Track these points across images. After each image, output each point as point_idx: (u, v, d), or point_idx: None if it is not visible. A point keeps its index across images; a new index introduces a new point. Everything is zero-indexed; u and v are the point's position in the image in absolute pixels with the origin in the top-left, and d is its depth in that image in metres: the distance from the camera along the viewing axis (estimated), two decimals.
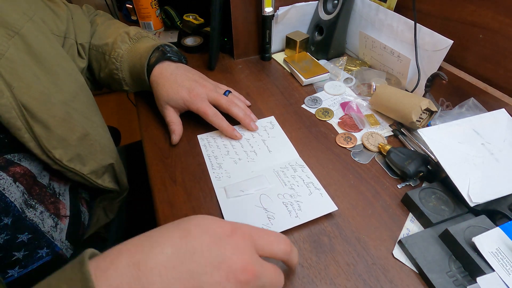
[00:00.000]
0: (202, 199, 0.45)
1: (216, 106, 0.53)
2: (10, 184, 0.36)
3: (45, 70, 0.41)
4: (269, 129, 0.56)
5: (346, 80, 0.67)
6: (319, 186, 0.45)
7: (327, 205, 0.43)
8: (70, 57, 0.50)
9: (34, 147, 0.38)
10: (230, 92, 0.58)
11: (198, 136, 0.55)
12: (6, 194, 0.36)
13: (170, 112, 0.52)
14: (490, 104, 0.48)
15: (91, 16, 0.63)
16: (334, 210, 0.42)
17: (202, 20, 0.85)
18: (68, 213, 0.47)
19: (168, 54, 0.55)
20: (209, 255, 0.24)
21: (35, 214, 0.40)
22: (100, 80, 0.61)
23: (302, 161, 0.50)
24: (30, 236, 0.39)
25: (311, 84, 0.67)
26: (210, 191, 0.46)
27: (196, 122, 0.56)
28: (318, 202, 0.43)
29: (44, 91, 0.40)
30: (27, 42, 0.39)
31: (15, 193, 0.37)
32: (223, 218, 0.43)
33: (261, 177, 0.47)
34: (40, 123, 0.38)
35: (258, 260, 0.26)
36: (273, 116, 0.59)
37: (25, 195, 0.39)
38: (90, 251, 0.23)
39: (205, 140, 0.55)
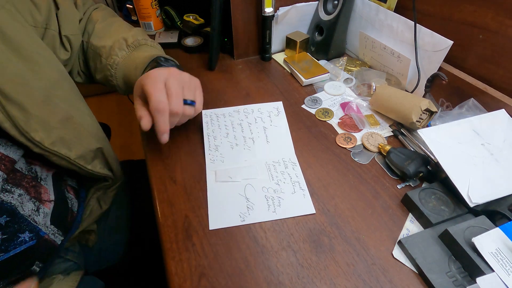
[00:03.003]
0: (202, 199, 0.45)
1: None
2: None
3: (22, 57, 0.40)
4: (274, 116, 0.57)
5: (346, 81, 0.67)
6: (305, 187, 0.46)
7: (306, 207, 0.43)
8: (51, 48, 0.49)
9: (9, 128, 0.37)
10: (194, 104, 0.46)
11: (202, 111, 0.56)
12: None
13: (136, 102, 0.46)
14: (490, 105, 0.48)
15: (89, 9, 0.60)
16: (311, 212, 0.43)
17: (202, 20, 0.85)
18: (52, 198, 0.46)
19: (162, 63, 0.51)
20: None
21: (12, 197, 0.39)
22: (96, 80, 0.60)
23: (296, 159, 0.50)
24: (8, 219, 0.39)
25: (311, 84, 0.67)
26: None
27: (196, 123, 0.56)
28: (298, 203, 0.44)
29: (20, 73, 0.39)
30: (0, 29, 0.38)
31: None
32: (206, 198, 0.45)
33: (252, 168, 0.48)
34: (15, 104, 0.38)
35: None
36: (281, 102, 0.59)
37: (3, 180, 0.38)
38: None
39: (208, 116, 0.56)
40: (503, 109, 0.46)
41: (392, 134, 0.55)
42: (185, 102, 0.44)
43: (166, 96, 0.42)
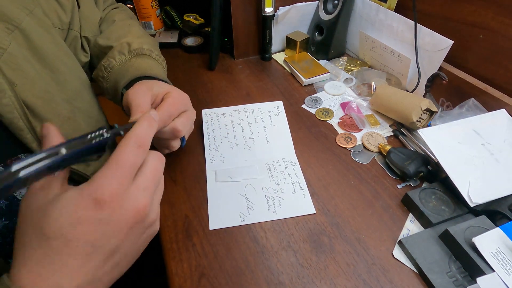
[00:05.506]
0: (202, 199, 0.45)
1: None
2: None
3: (47, 67, 0.40)
4: (274, 115, 0.57)
5: (346, 80, 0.67)
6: (305, 187, 0.46)
7: (306, 207, 0.43)
8: (72, 50, 0.48)
9: (36, 148, 0.37)
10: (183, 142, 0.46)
11: (202, 110, 0.56)
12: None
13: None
14: (490, 105, 0.48)
15: (108, 8, 0.58)
16: (311, 213, 0.43)
17: (202, 20, 0.85)
18: None
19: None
20: (107, 242, 0.25)
21: None
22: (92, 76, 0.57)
23: (296, 158, 0.50)
24: None
25: (311, 84, 0.67)
26: None
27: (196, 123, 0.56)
28: (299, 203, 0.44)
29: (47, 89, 0.39)
30: (28, 37, 0.37)
31: None
32: (207, 198, 0.45)
33: (252, 168, 0.48)
34: (43, 122, 0.37)
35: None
36: (281, 101, 0.59)
37: None
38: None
39: (208, 116, 0.56)
40: (504, 109, 0.46)
41: (392, 134, 0.55)
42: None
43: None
